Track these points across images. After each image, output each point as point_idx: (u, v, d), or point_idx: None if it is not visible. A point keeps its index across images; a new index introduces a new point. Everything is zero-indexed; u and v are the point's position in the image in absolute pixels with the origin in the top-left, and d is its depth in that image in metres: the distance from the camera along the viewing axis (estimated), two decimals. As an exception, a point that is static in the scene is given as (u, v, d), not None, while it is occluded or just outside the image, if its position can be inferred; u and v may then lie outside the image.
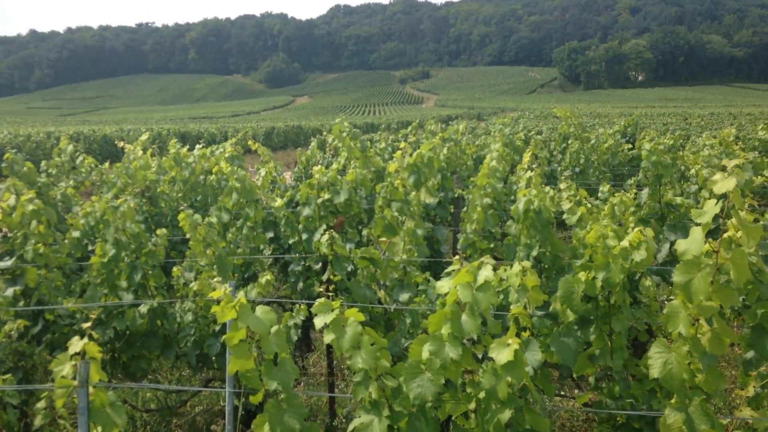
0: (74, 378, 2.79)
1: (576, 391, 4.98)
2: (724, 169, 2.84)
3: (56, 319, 5.12)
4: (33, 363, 4.79)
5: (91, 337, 2.85)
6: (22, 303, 5.16)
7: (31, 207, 5.29)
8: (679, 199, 6.03)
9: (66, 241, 5.80)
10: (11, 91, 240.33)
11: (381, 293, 5.25)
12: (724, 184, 2.61)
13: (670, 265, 5.64)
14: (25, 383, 4.63)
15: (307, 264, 5.71)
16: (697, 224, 2.70)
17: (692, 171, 8.03)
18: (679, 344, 2.70)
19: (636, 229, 3.43)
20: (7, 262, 5.07)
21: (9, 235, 5.63)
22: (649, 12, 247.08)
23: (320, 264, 5.33)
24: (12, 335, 4.68)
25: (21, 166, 7.41)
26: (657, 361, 2.71)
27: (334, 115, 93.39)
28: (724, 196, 2.68)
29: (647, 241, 3.40)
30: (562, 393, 4.97)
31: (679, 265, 2.64)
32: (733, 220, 2.70)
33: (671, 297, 2.95)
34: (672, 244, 5.69)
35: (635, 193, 6.36)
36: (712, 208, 2.64)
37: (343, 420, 5.11)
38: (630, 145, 12.55)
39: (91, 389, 2.78)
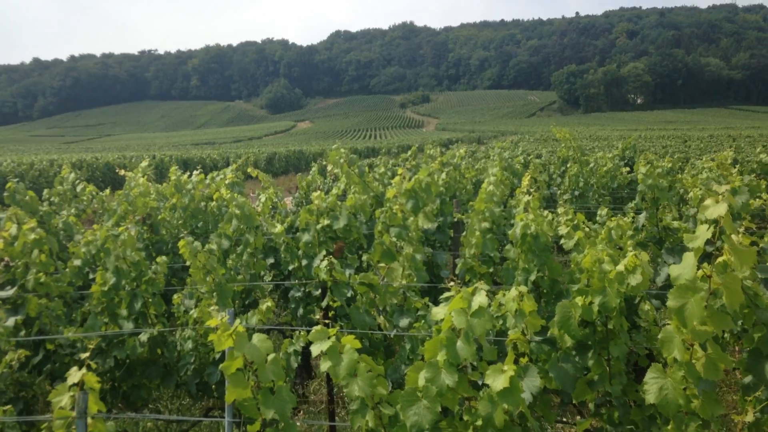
0: (73, 409, 2.80)
1: (578, 417, 4.96)
2: (715, 193, 2.86)
3: (57, 348, 5.13)
4: (34, 393, 4.80)
5: (89, 368, 2.86)
6: (23, 333, 5.17)
7: (32, 236, 5.32)
8: (676, 223, 6.05)
9: (67, 269, 5.82)
10: (15, 119, 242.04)
11: (381, 319, 5.25)
12: (715, 209, 2.64)
13: (669, 289, 5.64)
14: (26, 414, 4.62)
15: (307, 290, 5.72)
16: (690, 249, 2.72)
17: (691, 194, 8.05)
18: (675, 369, 2.71)
19: (631, 254, 3.45)
20: (9, 292, 5.09)
21: (11, 264, 5.65)
22: (646, 35, 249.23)
23: (320, 290, 5.35)
24: (13, 365, 4.68)
25: (23, 195, 7.46)
26: (653, 386, 2.71)
27: (336, 139, 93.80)
28: (715, 222, 2.70)
29: (642, 265, 3.42)
30: (564, 420, 4.94)
31: (673, 290, 2.66)
32: (726, 244, 2.72)
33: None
34: (671, 267, 5.69)
35: (633, 217, 6.38)
36: (703, 233, 2.66)
37: (344, 448, 5.09)
38: (629, 169, 12.61)
39: (89, 420, 2.79)
